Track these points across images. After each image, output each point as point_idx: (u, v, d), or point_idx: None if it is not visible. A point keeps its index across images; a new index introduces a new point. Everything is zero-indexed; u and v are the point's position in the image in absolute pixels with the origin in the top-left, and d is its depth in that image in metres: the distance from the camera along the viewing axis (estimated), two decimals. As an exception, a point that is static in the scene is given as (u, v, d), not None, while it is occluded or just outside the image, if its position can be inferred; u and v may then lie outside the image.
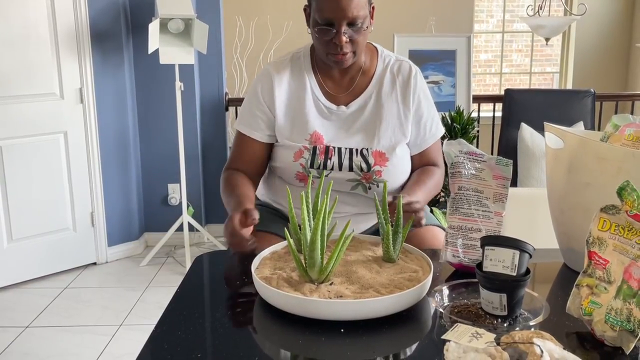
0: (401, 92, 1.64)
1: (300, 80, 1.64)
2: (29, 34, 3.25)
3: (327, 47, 1.52)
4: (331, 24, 1.48)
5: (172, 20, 3.39)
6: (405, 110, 1.63)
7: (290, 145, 1.60)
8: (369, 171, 1.59)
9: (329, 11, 1.47)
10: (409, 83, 1.64)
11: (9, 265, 3.33)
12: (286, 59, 1.67)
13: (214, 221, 4.14)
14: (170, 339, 1.03)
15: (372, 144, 1.59)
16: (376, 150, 1.59)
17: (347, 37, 1.50)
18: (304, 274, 1.13)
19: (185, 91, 3.74)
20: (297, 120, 1.62)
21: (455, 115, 3.42)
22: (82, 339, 2.79)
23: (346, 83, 1.64)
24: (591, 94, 3.84)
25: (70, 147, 3.48)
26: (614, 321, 0.96)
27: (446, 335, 0.89)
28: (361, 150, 1.59)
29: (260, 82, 1.65)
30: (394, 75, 1.65)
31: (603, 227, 1.02)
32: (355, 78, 1.64)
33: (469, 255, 1.27)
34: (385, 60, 1.67)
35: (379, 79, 1.64)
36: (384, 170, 1.59)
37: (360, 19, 1.49)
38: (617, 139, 1.23)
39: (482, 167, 1.30)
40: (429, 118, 1.67)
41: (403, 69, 1.66)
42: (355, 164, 1.59)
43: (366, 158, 1.59)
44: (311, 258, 1.11)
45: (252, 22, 4.48)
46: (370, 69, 1.65)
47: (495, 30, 6.38)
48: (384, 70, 1.65)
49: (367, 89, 1.64)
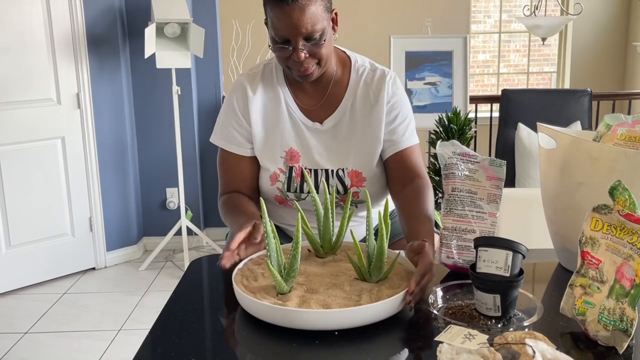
0: (374, 99, 1.56)
1: (274, 92, 1.58)
2: (25, 39, 3.25)
3: (288, 63, 1.46)
4: (287, 41, 1.41)
5: (169, 24, 3.40)
6: (379, 115, 1.55)
7: (266, 168, 1.57)
8: (345, 193, 1.54)
9: (282, 29, 1.39)
10: (382, 90, 1.55)
11: (7, 271, 3.33)
12: (258, 71, 1.60)
13: (212, 225, 4.14)
14: (165, 343, 1.03)
15: (348, 163, 1.54)
16: (352, 170, 1.54)
17: (306, 53, 1.42)
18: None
19: (182, 95, 3.74)
20: (272, 134, 1.57)
21: (452, 116, 3.42)
22: (80, 344, 2.78)
23: (319, 95, 1.57)
24: (588, 93, 3.84)
25: (67, 153, 3.48)
26: (607, 321, 0.96)
27: (439, 337, 0.89)
28: (337, 172, 1.54)
29: (235, 95, 1.59)
30: (368, 85, 1.57)
31: (595, 227, 1.03)
32: (328, 89, 1.57)
33: (464, 257, 1.27)
34: (359, 70, 1.59)
35: (352, 91, 1.57)
36: (361, 190, 1.55)
37: (317, 33, 1.40)
38: (610, 139, 1.24)
39: (476, 168, 1.30)
40: (404, 121, 1.57)
41: (376, 77, 1.57)
42: (331, 185, 1.53)
43: (342, 180, 1.54)
44: (326, 227, 1.23)
45: (248, 25, 4.48)
46: (342, 79, 1.58)
47: (493, 31, 6.39)
48: (357, 81, 1.57)
49: (341, 103, 1.56)
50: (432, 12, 4.93)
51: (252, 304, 1.07)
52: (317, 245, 1.29)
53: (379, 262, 1.14)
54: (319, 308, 1.06)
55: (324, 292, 1.12)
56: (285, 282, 1.10)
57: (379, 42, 4.37)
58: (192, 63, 3.74)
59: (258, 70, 1.60)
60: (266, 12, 1.44)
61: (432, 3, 5.43)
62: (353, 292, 1.12)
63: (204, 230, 4.07)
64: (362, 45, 3.17)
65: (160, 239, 3.81)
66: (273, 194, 1.58)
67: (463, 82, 3.82)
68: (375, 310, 1.04)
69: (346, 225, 1.29)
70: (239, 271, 1.21)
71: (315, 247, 1.30)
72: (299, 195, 1.56)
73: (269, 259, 1.11)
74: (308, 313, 1.03)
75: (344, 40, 1.88)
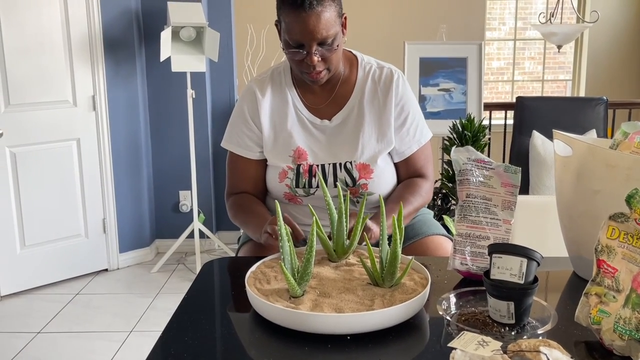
0: (382, 99, 1.60)
1: (282, 95, 1.62)
2: (43, 42, 3.29)
3: (300, 66, 1.50)
4: (301, 46, 1.45)
5: (184, 28, 3.42)
6: (388, 116, 1.59)
7: (275, 166, 1.60)
8: (355, 185, 1.57)
9: (297, 34, 1.43)
10: (390, 88, 1.60)
11: (21, 271, 3.35)
12: (267, 76, 1.65)
13: (224, 228, 4.15)
14: (178, 344, 1.03)
15: (355, 156, 1.57)
16: (360, 163, 1.57)
17: (319, 57, 1.46)
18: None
19: (196, 98, 3.76)
20: (280, 135, 1.60)
21: (466, 123, 3.41)
22: (92, 345, 2.80)
23: (327, 93, 1.61)
24: (604, 101, 3.81)
25: (82, 154, 3.51)
26: (623, 330, 0.95)
27: (452, 343, 0.89)
28: (345, 164, 1.57)
29: (246, 101, 1.63)
30: (376, 83, 1.61)
31: (612, 235, 1.02)
32: (336, 88, 1.61)
33: (477, 263, 1.27)
34: (366, 68, 1.63)
35: (360, 87, 1.61)
36: (370, 182, 1.57)
37: (330, 38, 1.45)
38: (627, 147, 1.22)
39: (491, 174, 1.30)
40: (412, 123, 1.63)
41: (385, 75, 1.62)
42: (340, 179, 1.56)
43: (350, 172, 1.57)
44: (339, 231, 1.24)
45: (263, 30, 4.50)
46: (350, 78, 1.62)
47: (508, 38, 6.36)
48: (365, 78, 1.62)
49: (349, 99, 1.61)
50: (447, 19, 4.93)
51: (265, 307, 1.07)
52: (331, 250, 1.29)
53: (392, 268, 1.14)
54: (332, 312, 1.05)
55: (336, 296, 1.12)
56: (299, 285, 1.10)
57: (393, 48, 4.37)
58: (206, 67, 3.76)
59: (267, 75, 1.65)
60: (280, 15, 1.47)
61: (447, 9, 5.43)
62: (366, 296, 1.12)
63: (216, 233, 4.08)
64: (376, 50, 3.17)
65: (173, 241, 3.83)
66: (282, 191, 1.60)
67: (477, 89, 3.81)
68: (388, 316, 1.04)
69: (360, 229, 1.29)
70: (251, 274, 1.21)
71: (329, 252, 1.30)
72: (308, 190, 1.58)
73: (282, 262, 1.11)
74: (321, 317, 1.03)
75: (358, 45, 1.90)
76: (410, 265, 1.18)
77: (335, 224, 1.29)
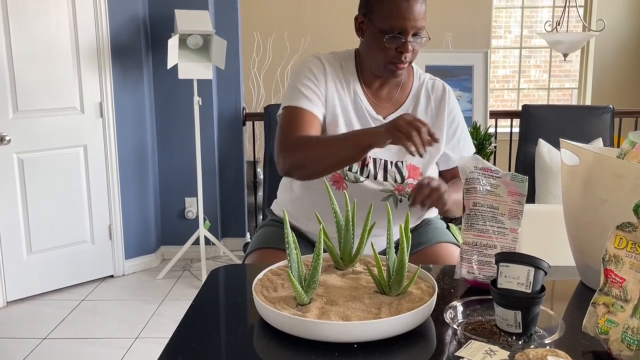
0: (435, 110, 1.66)
1: (345, 79, 1.63)
2: (51, 49, 3.31)
3: (390, 56, 1.53)
4: (401, 32, 1.49)
5: (191, 36, 3.44)
6: (440, 126, 1.65)
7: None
8: (403, 183, 1.61)
9: (400, 19, 1.48)
10: (443, 100, 1.67)
11: (28, 276, 3.36)
12: (331, 57, 1.65)
13: (230, 235, 4.15)
14: (185, 352, 1.03)
15: (407, 157, 1.61)
16: (410, 164, 1.62)
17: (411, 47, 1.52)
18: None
19: (203, 106, 3.78)
20: (339, 114, 1.61)
21: (472, 131, 3.41)
22: (98, 352, 2.80)
23: (384, 96, 1.66)
24: (610, 110, 3.80)
25: (89, 161, 3.53)
26: (631, 340, 0.95)
27: (460, 352, 0.89)
28: (396, 163, 1.61)
29: (312, 64, 1.62)
30: (429, 93, 1.67)
31: (619, 245, 1.02)
32: (393, 91, 1.66)
33: (484, 272, 1.27)
34: (421, 77, 1.69)
35: (416, 94, 1.67)
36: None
37: (423, 30, 1.52)
38: (634, 156, 1.22)
39: (498, 183, 1.30)
40: (462, 134, 1.71)
41: (437, 86, 1.69)
42: (390, 174, 1.60)
43: (400, 170, 1.61)
44: (346, 239, 1.26)
45: (269, 38, 4.52)
46: (407, 84, 1.68)
47: (513, 46, 6.36)
48: (420, 86, 1.68)
49: (404, 103, 1.66)
50: (453, 27, 4.93)
51: (272, 315, 1.08)
52: (337, 258, 1.29)
53: (399, 276, 1.14)
54: (339, 320, 1.05)
55: (343, 304, 1.12)
56: (306, 293, 1.11)
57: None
58: (213, 74, 3.77)
59: (331, 56, 1.66)
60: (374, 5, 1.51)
61: (453, 18, 5.43)
62: (373, 305, 1.12)
63: (221, 240, 4.09)
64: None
65: (178, 248, 3.83)
66: None
67: (483, 97, 3.81)
68: (395, 324, 1.04)
69: (367, 237, 1.29)
70: (258, 281, 1.21)
71: (335, 260, 1.30)
72: (357, 177, 1.59)
73: (290, 270, 1.11)
74: (327, 325, 1.03)
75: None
76: (417, 274, 1.18)
77: (343, 232, 1.29)
